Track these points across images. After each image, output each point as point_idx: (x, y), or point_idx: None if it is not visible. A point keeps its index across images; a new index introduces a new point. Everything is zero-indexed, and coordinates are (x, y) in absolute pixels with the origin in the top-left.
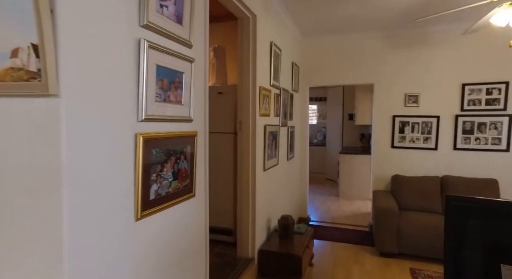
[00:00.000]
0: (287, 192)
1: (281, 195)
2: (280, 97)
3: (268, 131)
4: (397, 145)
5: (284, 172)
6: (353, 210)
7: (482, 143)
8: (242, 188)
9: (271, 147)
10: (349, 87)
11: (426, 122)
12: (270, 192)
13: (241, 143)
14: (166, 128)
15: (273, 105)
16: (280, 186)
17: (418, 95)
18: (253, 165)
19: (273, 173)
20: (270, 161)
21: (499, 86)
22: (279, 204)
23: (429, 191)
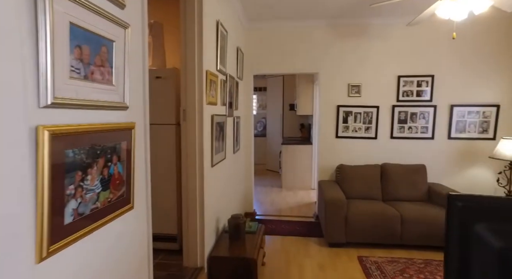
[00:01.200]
0: (234, 187)
1: (229, 191)
2: (227, 85)
3: (216, 122)
4: (341, 135)
5: (231, 166)
6: (298, 200)
7: (413, 131)
8: (188, 187)
9: (218, 139)
10: (289, 77)
11: (368, 112)
12: (219, 189)
13: (185, 136)
14: (89, 118)
15: (220, 93)
16: (228, 181)
17: (360, 86)
18: (200, 161)
19: (221, 168)
20: (218, 155)
21: (427, 79)
22: (227, 201)
23: (371, 179)
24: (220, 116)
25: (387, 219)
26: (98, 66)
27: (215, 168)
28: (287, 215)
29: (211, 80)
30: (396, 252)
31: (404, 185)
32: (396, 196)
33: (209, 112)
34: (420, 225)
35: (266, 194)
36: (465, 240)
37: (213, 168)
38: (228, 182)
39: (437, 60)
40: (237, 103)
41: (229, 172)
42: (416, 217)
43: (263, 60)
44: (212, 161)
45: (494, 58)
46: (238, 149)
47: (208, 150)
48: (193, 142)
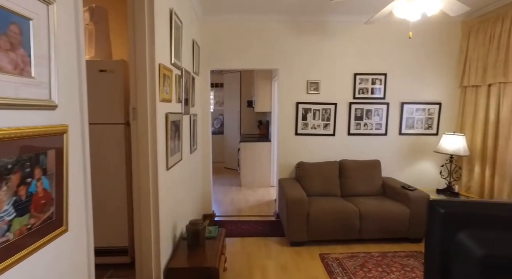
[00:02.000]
0: (192, 189)
1: (186, 194)
2: (182, 80)
3: (171, 121)
4: (301, 132)
5: (188, 168)
6: (257, 199)
7: (369, 128)
8: (140, 194)
9: (174, 139)
10: (247, 73)
11: (326, 109)
12: (175, 193)
13: (136, 137)
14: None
15: (175, 89)
16: (185, 184)
17: (319, 83)
18: (154, 164)
19: (178, 170)
20: (173, 157)
21: (380, 77)
22: (185, 205)
23: (330, 175)
24: (175, 114)
25: (347, 215)
26: (6, 50)
27: (170, 170)
28: (247, 214)
29: (165, 75)
30: (355, 246)
31: (361, 180)
32: (354, 191)
33: (163, 111)
34: (377, 219)
35: (225, 194)
36: (446, 247)
37: (169, 171)
38: (185, 185)
39: (389, 59)
40: (193, 100)
41: (186, 173)
42: (373, 212)
43: (221, 55)
44: (168, 164)
45: (437, 59)
46: (195, 149)
47: (163, 151)
48: (145, 143)
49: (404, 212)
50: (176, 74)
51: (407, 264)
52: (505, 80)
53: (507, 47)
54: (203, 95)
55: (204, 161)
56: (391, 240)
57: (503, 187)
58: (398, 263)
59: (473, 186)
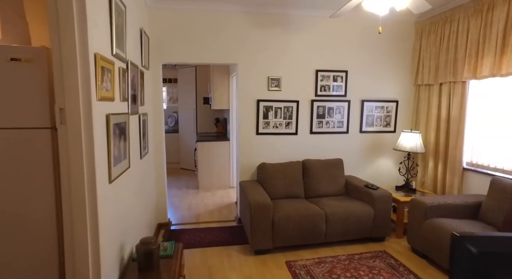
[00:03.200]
0: (143, 198)
1: (137, 205)
2: (128, 74)
3: (114, 124)
4: (262, 131)
5: (138, 175)
6: (217, 202)
7: (331, 126)
8: (72, 216)
9: (118, 145)
10: (203, 68)
11: (288, 107)
12: (121, 209)
13: (65, 145)
14: None
15: (119, 85)
16: (135, 194)
17: (280, 79)
18: (91, 179)
19: (125, 181)
20: (118, 166)
21: (341, 74)
22: (134, 218)
23: (294, 176)
24: (119, 115)
25: (313, 219)
26: None
27: (115, 183)
28: (207, 220)
29: (104, 68)
30: (321, 251)
31: (324, 180)
32: (318, 192)
33: (102, 111)
34: (343, 221)
35: (182, 198)
36: None
37: (113, 184)
38: (135, 195)
39: (350, 57)
40: (143, 98)
41: (136, 182)
42: (339, 214)
43: (174, 47)
44: (110, 176)
45: (393, 58)
46: (146, 152)
47: (103, 162)
48: (78, 153)
49: (368, 212)
50: (120, 67)
51: (374, 266)
52: (454, 80)
53: (455, 48)
54: (155, 91)
55: (157, 164)
56: (355, 241)
57: (454, 182)
58: (366, 266)
59: (427, 182)
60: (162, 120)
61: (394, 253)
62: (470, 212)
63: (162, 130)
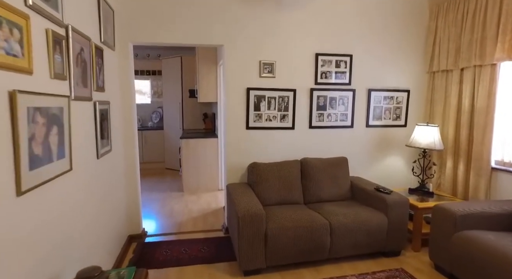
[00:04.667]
0: (103, 207)
1: (86, 218)
2: (69, 45)
3: (30, 107)
4: (253, 125)
5: (90, 180)
6: (203, 207)
7: (333, 119)
8: None
9: (44, 140)
10: (189, 58)
11: (283, 97)
12: (50, 231)
13: None
14: None
15: (47, 55)
16: (83, 204)
17: (274, 64)
18: None
19: (59, 188)
20: (43, 170)
21: (345, 59)
22: (81, 238)
23: (291, 178)
24: (46, 97)
25: (315, 231)
26: None
27: (35, 193)
28: (190, 230)
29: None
30: (326, 269)
31: (327, 182)
32: (319, 196)
33: (3, 87)
34: (351, 232)
35: (163, 202)
36: None
37: (28, 195)
38: (85, 205)
39: (355, 38)
40: (102, 82)
41: (86, 188)
42: (346, 224)
43: (146, 24)
44: (19, 184)
45: (404, 40)
46: (108, 151)
47: (8, 164)
48: None
49: (381, 221)
50: (49, 30)
51: None
52: (481, 63)
53: (483, 25)
54: (123, 78)
55: (128, 165)
56: (366, 256)
57: (479, 184)
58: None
59: (444, 184)
60: (133, 113)
61: (414, 271)
62: (510, 222)
63: (134, 125)
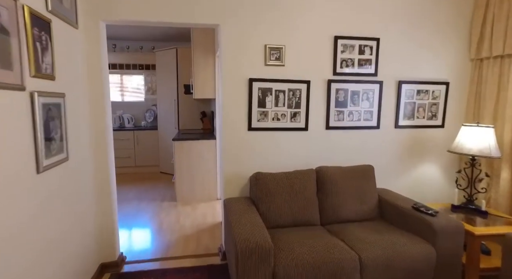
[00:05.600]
0: (60, 235)
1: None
2: None
3: None
4: (257, 126)
5: (23, 205)
6: (197, 222)
7: (355, 118)
8: None
9: None
10: (185, 50)
11: (294, 90)
12: None
13: None
14: None
15: None
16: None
17: (282, 49)
18: None
19: None
20: None
21: (371, 44)
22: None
23: (304, 192)
24: None
25: (340, 267)
26: None
27: None
28: (179, 255)
29: None
30: None
31: (349, 197)
32: (340, 215)
33: None
34: (386, 269)
35: (153, 215)
36: None
37: None
38: (19, 240)
39: (383, 18)
40: (52, 67)
41: (16, 217)
42: (380, 258)
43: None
44: None
45: (445, 19)
46: (62, 160)
47: None
48: None
49: (427, 254)
50: None
51: None
52: None
53: None
54: (93, 66)
55: (99, 178)
56: None
57: None
58: None
59: (497, 199)
60: (107, 111)
61: None
62: None
63: (107, 125)
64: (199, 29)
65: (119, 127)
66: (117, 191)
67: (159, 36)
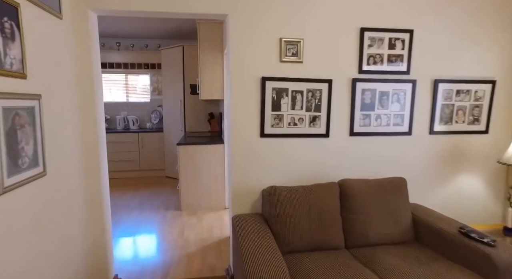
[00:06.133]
0: (42, 261)
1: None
2: None
3: None
4: (270, 132)
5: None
6: (203, 236)
7: (384, 123)
8: None
9: None
10: (191, 48)
11: (314, 90)
12: None
13: None
14: None
15: None
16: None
17: (300, 43)
18: None
19: None
20: None
21: (403, 36)
22: None
23: (325, 210)
24: None
25: None
26: None
27: None
28: (182, 278)
29: None
30: None
31: (379, 216)
32: (368, 237)
33: None
34: None
35: (154, 226)
36: None
37: None
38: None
39: (417, 7)
40: (22, 63)
41: None
42: None
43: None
44: None
45: (490, 6)
46: (38, 175)
47: None
48: None
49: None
50: None
51: None
52: None
53: None
54: (81, 63)
55: (89, 193)
56: None
57: None
58: None
59: None
60: (98, 115)
61: None
62: None
63: (100, 132)
64: (206, 24)
65: (123, 129)
66: (119, 197)
67: (165, 33)
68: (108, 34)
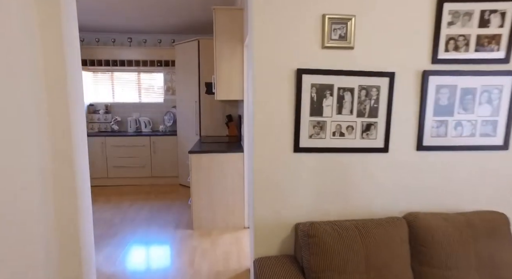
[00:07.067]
0: None
1: None
2: None
3: None
4: (308, 145)
5: None
6: (218, 266)
7: (466, 132)
8: None
9: None
10: (208, 41)
11: (368, 87)
12: None
13: None
14: None
15: None
16: None
17: (351, 22)
18: None
19: None
20: None
21: (503, 7)
22: None
23: (388, 258)
24: None
25: None
26: None
27: None
28: None
29: None
30: None
31: (470, 271)
32: None
33: None
34: None
35: (160, 253)
36: None
37: None
38: None
39: None
40: None
41: None
42: None
43: None
44: None
45: None
46: None
47: None
48: None
49: None
50: None
51: None
52: None
53: None
54: (49, 51)
55: (60, 227)
56: None
57: None
58: None
59: None
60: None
61: None
62: None
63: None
64: (223, 10)
65: (135, 132)
66: (127, 209)
67: (179, 27)
68: (120, 30)
